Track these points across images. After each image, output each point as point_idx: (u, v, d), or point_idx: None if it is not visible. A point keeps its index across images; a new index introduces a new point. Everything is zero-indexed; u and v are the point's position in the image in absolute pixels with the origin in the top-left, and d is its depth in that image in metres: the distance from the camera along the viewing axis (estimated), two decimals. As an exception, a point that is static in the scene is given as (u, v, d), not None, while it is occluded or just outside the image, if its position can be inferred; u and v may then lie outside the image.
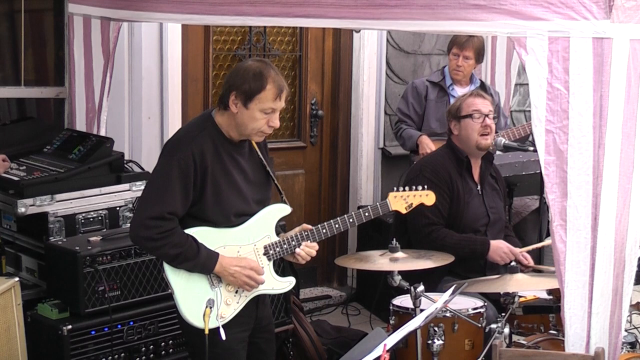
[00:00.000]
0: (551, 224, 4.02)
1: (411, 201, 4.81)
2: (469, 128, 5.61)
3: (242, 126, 4.34)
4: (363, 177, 8.14)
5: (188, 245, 4.26)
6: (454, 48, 7.13)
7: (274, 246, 4.49)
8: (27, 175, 5.55)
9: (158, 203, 4.25)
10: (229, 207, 4.38)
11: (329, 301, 7.94)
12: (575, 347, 4.05)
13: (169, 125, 6.78)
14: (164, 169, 4.29)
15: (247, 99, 4.27)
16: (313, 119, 7.97)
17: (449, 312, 4.81)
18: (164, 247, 4.25)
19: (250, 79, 4.27)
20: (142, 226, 4.26)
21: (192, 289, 4.34)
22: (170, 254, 4.27)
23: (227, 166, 4.37)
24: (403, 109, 7.27)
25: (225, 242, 4.38)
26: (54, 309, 5.14)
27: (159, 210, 4.22)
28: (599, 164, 3.90)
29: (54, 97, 6.62)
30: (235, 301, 4.40)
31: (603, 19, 3.80)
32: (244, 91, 4.27)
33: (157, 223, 4.23)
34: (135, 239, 4.36)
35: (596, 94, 3.87)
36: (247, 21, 5.17)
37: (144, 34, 6.61)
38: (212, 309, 4.25)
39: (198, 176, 4.28)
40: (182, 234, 4.28)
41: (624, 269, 4.06)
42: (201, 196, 4.31)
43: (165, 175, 4.27)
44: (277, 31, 7.68)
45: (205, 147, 4.30)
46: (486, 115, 5.61)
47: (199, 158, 4.27)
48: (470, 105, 5.63)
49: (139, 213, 4.33)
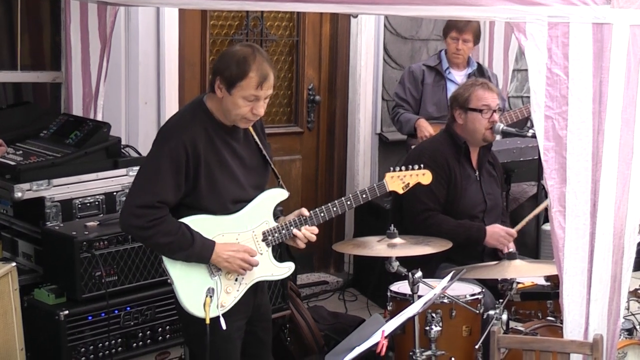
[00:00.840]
0: (550, 210, 4.01)
1: (408, 181, 4.78)
2: (477, 122, 5.58)
3: (227, 111, 4.30)
4: (360, 163, 8.13)
5: (180, 233, 4.22)
6: (452, 32, 7.10)
7: (273, 232, 4.47)
8: (23, 160, 5.54)
9: (148, 192, 4.21)
10: (225, 195, 4.34)
11: (326, 287, 7.94)
12: (574, 333, 4.05)
13: (165, 110, 6.75)
14: (155, 159, 4.26)
15: (230, 86, 4.22)
16: (310, 105, 7.95)
17: (446, 298, 4.81)
18: (155, 235, 4.21)
19: (234, 65, 4.21)
20: (131, 215, 4.23)
21: (192, 278, 4.31)
22: (161, 243, 4.23)
23: (221, 152, 4.33)
24: (400, 93, 7.26)
25: (223, 230, 4.35)
26: (50, 294, 5.13)
27: (149, 199, 4.19)
28: (598, 150, 3.89)
29: (50, 81, 6.60)
30: (235, 289, 4.39)
31: (603, 4, 3.79)
32: (227, 77, 4.22)
33: (147, 211, 4.19)
34: (126, 227, 4.35)
35: (596, 79, 3.85)
36: (245, 6, 5.16)
37: (141, 19, 6.59)
38: (212, 298, 4.22)
39: (190, 166, 4.23)
40: (174, 222, 4.24)
41: (622, 255, 4.05)
42: (195, 185, 4.27)
43: (155, 164, 4.24)
44: (275, 16, 7.65)
45: (197, 135, 4.25)
46: (494, 111, 5.60)
47: (191, 147, 4.23)
48: (481, 99, 5.59)
49: (129, 202, 4.29)
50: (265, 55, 4.32)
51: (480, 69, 7.23)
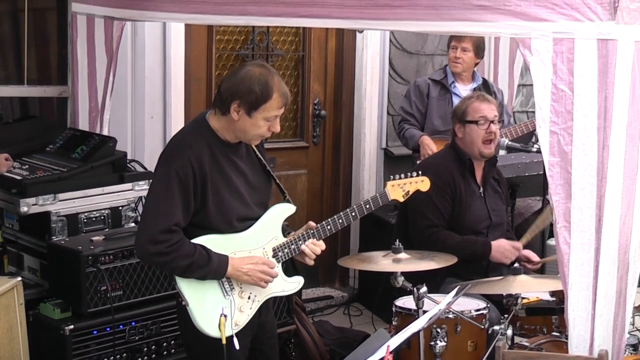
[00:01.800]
0: (555, 225, 4.01)
1: (408, 188, 4.82)
2: (474, 134, 5.59)
3: (242, 132, 4.29)
4: (365, 177, 8.13)
5: (198, 253, 4.21)
6: (452, 41, 7.17)
7: (282, 247, 4.46)
8: (29, 174, 5.55)
9: (162, 216, 4.17)
10: (231, 213, 4.33)
11: (331, 302, 7.94)
12: (579, 349, 4.04)
13: (171, 125, 6.77)
14: (163, 181, 4.22)
15: (252, 109, 4.20)
16: (316, 119, 7.96)
17: (451, 313, 4.80)
18: (175, 260, 4.17)
19: (257, 89, 4.18)
20: (150, 242, 4.17)
21: (206, 298, 4.28)
22: (182, 266, 4.19)
23: (226, 171, 4.31)
24: (406, 107, 7.27)
25: (235, 249, 4.34)
26: (56, 309, 5.14)
27: (165, 224, 4.15)
28: (604, 166, 3.89)
29: (56, 96, 6.61)
30: (248, 307, 4.38)
31: (608, 20, 3.79)
32: (250, 101, 4.19)
33: (165, 237, 4.15)
34: (145, 256, 4.30)
35: (601, 95, 3.85)
36: (251, 21, 5.17)
37: (147, 34, 6.61)
38: (226, 318, 4.20)
39: (198, 185, 4.22)
40: (190, 244, 4.22)
41: (627, 270, 4.04)
42: (203, 204, 4.25)
43: (165, 187, 4.20)
44: (280, 31, 7.68)
45: (203, 154, 4.24)
46: (491, 122, 5.59)
47: (197, 166, 4.21)
48: (477, 111, 5.60)
49: (145, 229, 4.23)
50: (277, 73, 4.34)
51: (485, 84, 7.24)
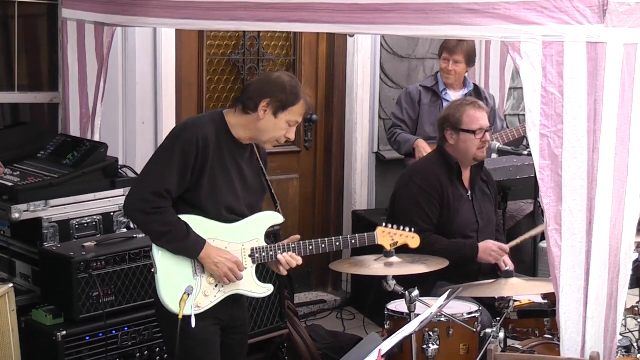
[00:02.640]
0: (546, 228, 4.02)
1: (397, 240, 4.92)
2: (469, 142, 5.58)
3: (262, 131, 4.47)
4: (357, 182, 8.13)
5: (179, 226, 4.38)
6: (444, 53, 7.17)
7: (261, 250, 4.58)
8: (21, 181, 5.54)
9: (157, 179, 4.37)
10: (222, 200, 4.48)
11: (324, 306, 7.93)
12: (571, 351, 4.05)
13: (163, 130, 6.76)
14: (167, 148, 4.43)
15: (280, 109, 4.41)
16: (307, 124, 7.96)
17: (444, 316, 4.81)
18: (154, 222, 4.36)
19: (288, 91, 4.41)
20: (139, 199, 4.37)
21: (176, 272, 4.43)
22: (158, 231, 4.38)
23: (227, 163, 4.47)
24: (397, 114, 7.28)
25: (216, 235, 4.48)
26: (48, 315, 5.13)
27: (157, 186, 4.34)
28: (594, 168, 3.90)
29: (48, 102, 6.61)
30: (213, 294, 4.49)
31: (597, 24, 3.80)
32: (280, 100, 4.40)
33: (153, 198, 4.34)
34: (129, 210, 4.47)
35: (590, 98, 3.87)
36: (242, 26, 5.18)
37: (138, 39, 6.61)
38: (189, 296, 4.37)
39: (198, 162, 4.38)
40: (174, 215, 4.40)
41: (618, 273, 4.06)
42: (197, 183, 4.41)
43: (167, 154, 4.40)
44: (271, 36, 7.68)
45: (210, 137, 4.41)
46: (486, 130, 5.60)
47: (202, 145, 4.38)
48: (473, 121, 5.58)
49: (138, 186, 4.46)
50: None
51: (477, 90, 7.25)
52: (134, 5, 5.58)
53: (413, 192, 5.58)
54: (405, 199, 5.64)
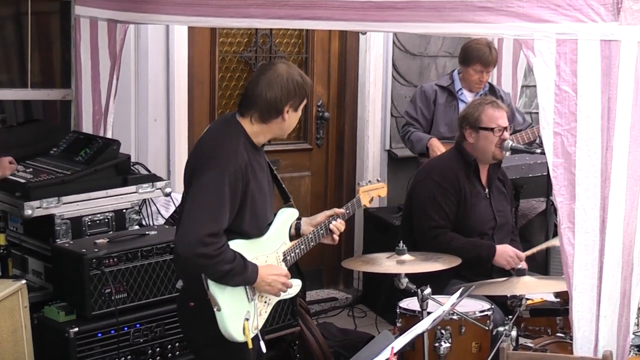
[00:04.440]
0: (559, 226, 4.01)
1: (372, 194, 5.04)
2: (488, 141, 5.58)
3: (286, 129, 4.43)
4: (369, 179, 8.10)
5: (237, 260, 4.20)
6: (477, 65, 7.03)
7: (290, 251, 4.54)
8: (33, 178, 5.55)
9: (214, 220, 4.13)
10: (263, 219, 4.39)
11: (335, 303, 7.94)
12: (584, 350, 4.04)
13: (175, 128, 6.78)
14: (217, 184, 4.16)
15: (300, 103, 4.38)
16: (319, 121, 7.96)
17: (456, 314, 4.80)
18: (219, 264, 4.13)
19: (301, 86, 4.35)
20: (199, 243, 4.09)
21: (235, 304, 4.28)
22: (223, 271, 4.16)
23: (257, 176, 4.33)
24: (411, 112, 7.26)
25: (256, 254, 4.35)
26: (60, 312, 5.14)
27: (215, 227, 4.11)
28: (607, 167, 3.90)
29: (60, 99, 6.62)
30: (264, 310, 4.44)
31: (611, 21, 3.79)
32: (300, 96, 4.36)
33: (213, 240, 4.10)
34: (190, 256, 4.14)
35: (604, 96, 3.86)
36: (254, 23, 5.17)
37: (151, 36, 6.62)
38: (249, 322, 4.25)
39: (242, 191, 4.22)
40: (231, 250, 4.20)
41: (632, 271, 4.05)
42: (241, 210, 4.25)
43: (220, 192, 4.16)
44: (284, 33, 7.68)
45: (246, 159, 4.26)
46: (505, 129, 5.60)
47: (244, 172, 4.21)
48: (492, 119, 5.58)
49: (195, 229, 4.13)
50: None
51: (492, 88, 7.23)
52: (147, 3, 5.58)
53: (430, 187, 5.58)
54: (422, 194, 5.64)
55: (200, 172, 4.22)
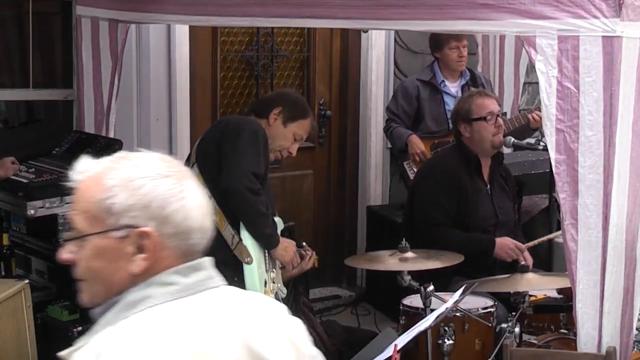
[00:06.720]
0: (562, 223, 4.02)
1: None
2: (483, 130, 5.59)
3: (272, 138, 4.72)
4: (372, 177, 8.12)
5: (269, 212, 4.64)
6: (451, 42, 7.06)
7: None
8: (36, 178, 5.55)
9: (256, 164, 4.53)
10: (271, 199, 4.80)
11: (339, 301, 7.94)
12: (587, 346, 4.04)
13: (177, 127, 6.78)
14: (255, 138, 4.57)
15: (290, 119, 4.71)
16: (321, 120, 7.96)
17: (459, 311, 4.81)
18: (259, 203, 4.49)
19: (300, 105, 4.79)
20: (246, 177, 4.46)
21: (260, 266, 4.58)
22: (262, 211, 4.52)
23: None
24: (392, 108, 7.25)
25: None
26: (64, 311, 5.15)
27: (258, 169, 4.51)
28: (610, 163, 3.89)
29: (62, 99, 6.63)
30: (270, 290, 4.70)
31: (612, 17, 3.79)
32: (291, 111, 4.72)
33: (255, 179, 4.48)
34: (240, 187, 4.48)
35: (606, 92, 3.85)
36: (256, 22, 5.18)
37: (152, 36, 6.62)
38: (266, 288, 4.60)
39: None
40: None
41: (635, 268, 4.05)
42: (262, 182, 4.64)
43: (255, 141, 4.56)
44: (285, 32, 7.68)
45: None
46: (497, 115, 5.61)
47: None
48: (482, 108, 5.60)
49: (243, 165, 4.50)
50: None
51: (472, 76, 7.21)
52: (148, 2, 5.58)
53: (431, 185, 5.59)
54: (423, 192, 5.65)
55: (234, 134, 4.58)
